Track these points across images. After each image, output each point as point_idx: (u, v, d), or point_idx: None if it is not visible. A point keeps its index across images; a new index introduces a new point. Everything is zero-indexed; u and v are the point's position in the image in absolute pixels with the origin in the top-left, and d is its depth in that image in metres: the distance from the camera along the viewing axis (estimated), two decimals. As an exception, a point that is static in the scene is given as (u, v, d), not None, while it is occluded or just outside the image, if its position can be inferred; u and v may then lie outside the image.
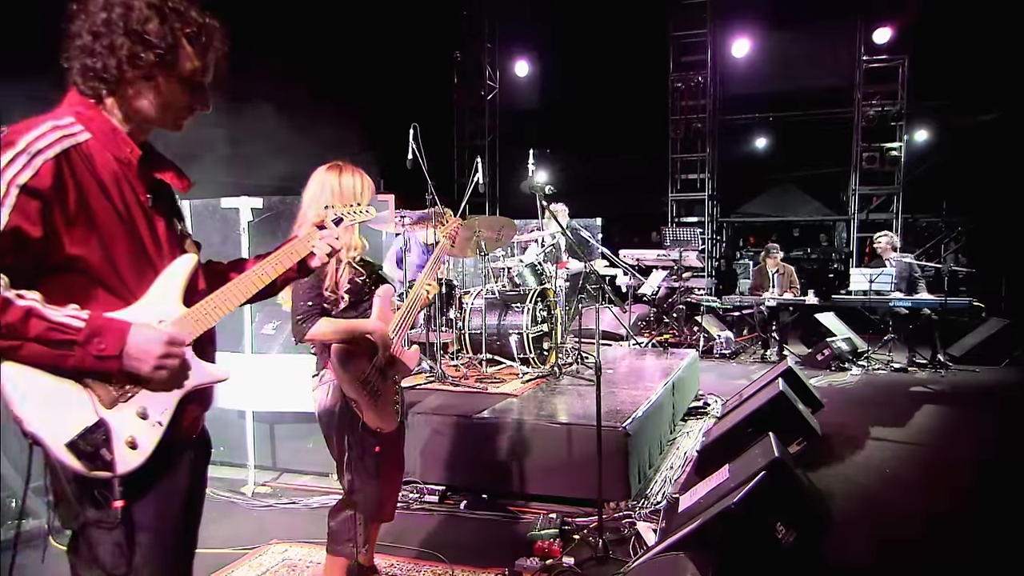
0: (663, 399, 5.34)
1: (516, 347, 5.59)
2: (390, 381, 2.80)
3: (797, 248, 14.65)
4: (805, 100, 13.89)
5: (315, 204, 2.60)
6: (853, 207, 13.29)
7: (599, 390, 3.65)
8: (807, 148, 14.09)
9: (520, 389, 5.24)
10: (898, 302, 8.63)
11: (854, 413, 6.62)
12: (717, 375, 8.48)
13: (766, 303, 9.10)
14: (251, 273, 1.83)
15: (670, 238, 9.90)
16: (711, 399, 6.90)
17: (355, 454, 2.69)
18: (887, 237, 9.17)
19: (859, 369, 8.52)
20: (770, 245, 9.61)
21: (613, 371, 6.14)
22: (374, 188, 2.81)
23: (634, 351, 7.69)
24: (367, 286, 2.81)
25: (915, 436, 5.98)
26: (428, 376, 5.43)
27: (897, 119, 12.95)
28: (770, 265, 9.49)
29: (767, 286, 9.43)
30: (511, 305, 5.70)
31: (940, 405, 7.06)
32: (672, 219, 14.45)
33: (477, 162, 6.86)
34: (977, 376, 8.33)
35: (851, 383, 7.98)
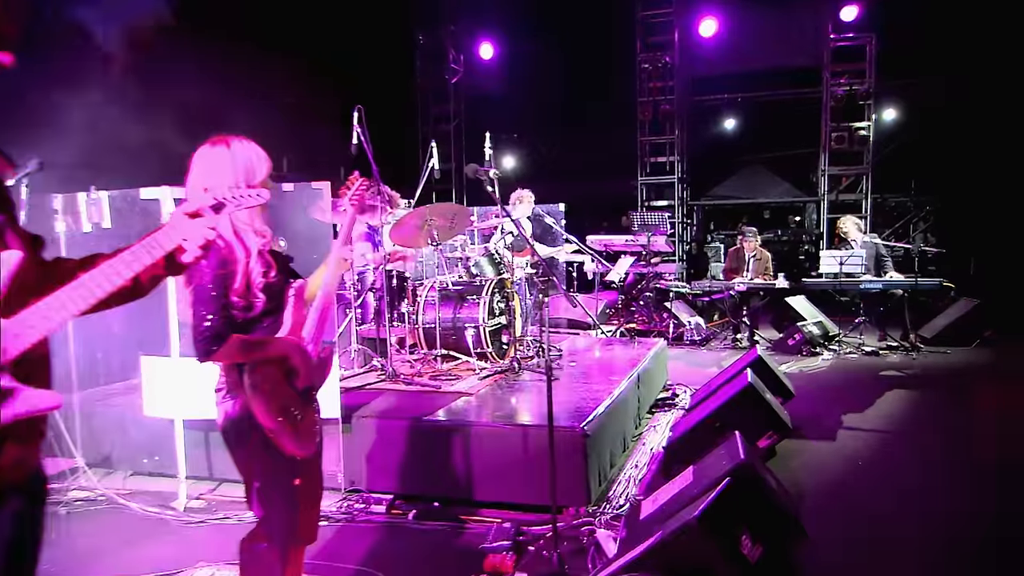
0: (627, 394, 5.07)
1: (472, 342, 5.27)
2: (311, 400, 2.46)
3: (768, 230, 14.44)
4: (774, 80, 13.66)
5: (197, 187, 2.21)
6: (823, 188, 13.11)
7: (550, 393, 3.35)
8: (776, 129, 13.88)
9: (476, 386, 4.93)
10: (868, 284, 8.44)
11: (825, 401, 6.40)
12: (687, 363, 8.24)
13: (736, 288, 8.86)
14: (97, 273, 1.50)
15: (638, 223, 9.62)
16: (680, 389, 6.65)
17: (268, 483, 2.35)
18: (851, 220, 8.97)
19: (830, 353, 8.32)
20: (747, 228, 9.37)
21: (576, 364, 5.85)
22: (270, 164, 2.45)
23: (600, 341, 7.41)
24: (280, 283, 2.44)
25: (887, 424, 5.76)
26: (379, 375, 5.11)
27: (865, 98, 12.76)
28: (747, 249, 9.24)
29: (742, 270, 9.20)
30: (466, 297, 5.38)
31: (912, 390, 6.87)
32: (641, 203, 14.18)
33: (432, 147, 6.51)
34: (948, 358, 8.17)
35: (822, 368, 7.78)
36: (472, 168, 3.81)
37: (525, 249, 8.16)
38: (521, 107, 14.39)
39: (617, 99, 14.01)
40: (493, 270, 5.85)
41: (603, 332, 7.94)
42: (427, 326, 5.34)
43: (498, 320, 5.51)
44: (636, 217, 9.67)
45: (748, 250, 9.19)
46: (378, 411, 4.36)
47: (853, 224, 8.90)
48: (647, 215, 9.62)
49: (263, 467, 2.33)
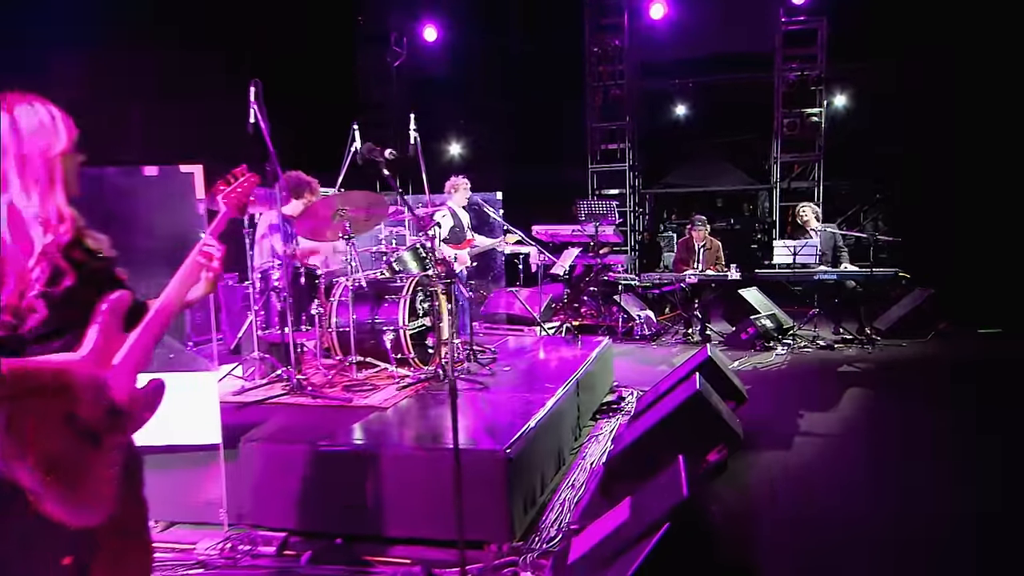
0: (565, 403, 4.53)
1: (391, 346, 4.67)
2: (106, 446, 1.83)
3: (721, 219, 14.07)
4: (725, 65, 13.27)
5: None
6: (775, 175, 12.75)
7: (455, 416, 2.78)
8: (729, 115, 13.48)
9: (395, 398, 4.34)
10: (823, 275, 8.04)
11: (780, 402, 5.96)
12: (636, 360, 7.76)
13: (687, 280, 8.39)
14: None
15: (585, 212, 9.09)
16: (626, 392, 6.14)
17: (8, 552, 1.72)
18: (809, 208, 8.57)
19: (784, 348, 7.91)
20: (696, 217, 8.87)
21: (510, 369, 5.28)
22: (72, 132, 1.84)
23: (542, 340, 6.86)
24: (80, 293, 1.82)
25: (844, 426, 5.33)
26: (285, 386, 4.48)
27: (817, 84, 12.42)
28: (696, 239, 8.76)
29: (692, 261, 8.73)
30: (384, 297, 4.77)
31: (868, 388, 6.48)
32: (593, 191, 13.69)
33: (354, 129, 5.87)
34: (904, 352, 7.82)
35: (777, 364, 7.35)
36: (367, 147, 3.24)
37: (464, 241, 7.60)
38: (467, 92, 13.78)
39: (566, 84, 13.45)
40: (417, 266, 5.24)
41: (545, 330, 7.39)
42: (341, 330, 4.72)
43: (421, 322, 4.92)
44: (583, 206, 9.14)
45: (698, 240, 8.73)
46: (271, 433, 3.74)
47: (811, 212, 8.49)
48: (594, 204, 9.10)
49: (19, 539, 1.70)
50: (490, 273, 8.51)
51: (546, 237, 9.58)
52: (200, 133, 7.60)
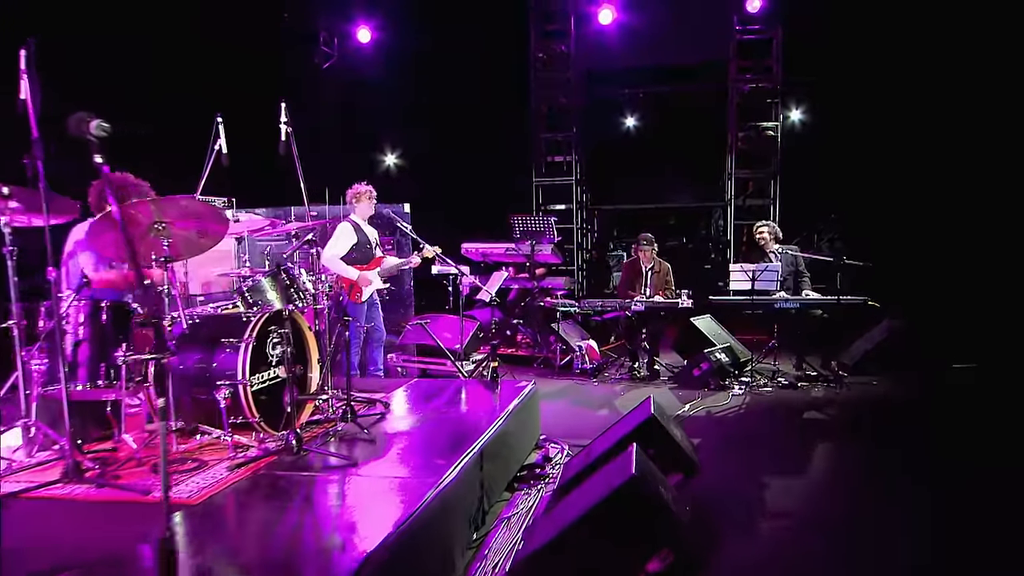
0: (461, 484, 3.31)
1: (227, 408, 3.41)
2: None
3: (673, 237, 13.07)
4: (677, 75, 12.31)
5: None
6: (729, 192, 11.79)
7: None
8: (681, 128, 12.46)
9: (218, 484, 3.08)
10: (784, 303, 6.99)
11: (737, 463, 4.83)
12: (572, 401, 6.58)
13: (633, 307, 7.26)
14: None
15: (519, 229, 7.93)
16: (555, 450, 4.94)
17: None
18: (768, 227, 7.52)
19: (742, 387, 6.81)
20: (642, 236, 7.71)
21: (395, 432, 4.04)
22: None
23: (452, 385, 5.58)
24: None
25: (816, 501, 4.22)
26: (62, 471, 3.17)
27: (772, 96, 11.52)
28: (643, 260, 7.63)
29: (639, 285, 7.60)
30: (220, 340, 3.51)
31: (841, 442, 5.40)
32: (538, 206, 12.58)
33: (217, 123, 4.62)
34: (875, 391, 6.79)
35: (734, 407, 6.24)
36: (75, 119, 2.00)
37: (372, 260, 6.38)
38: (404, 97, 12.54)
39: (510, 91, 12.33)
40: (278, 296, 3.98)
41: (462, 371, 6.17)
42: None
43: (273, 372, 3.66)
44: (517, 222, 7.97)
45: (645, 262, 7.62)
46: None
47: (770, 232, 7.45)
48: (531, 220, 7.93)
49: None
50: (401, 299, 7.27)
51: (476, 256, 8.40)
52: None
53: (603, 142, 12.84)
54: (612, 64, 12.21)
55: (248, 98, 10.48)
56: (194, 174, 4.81)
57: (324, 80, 12.61)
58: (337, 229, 6.36)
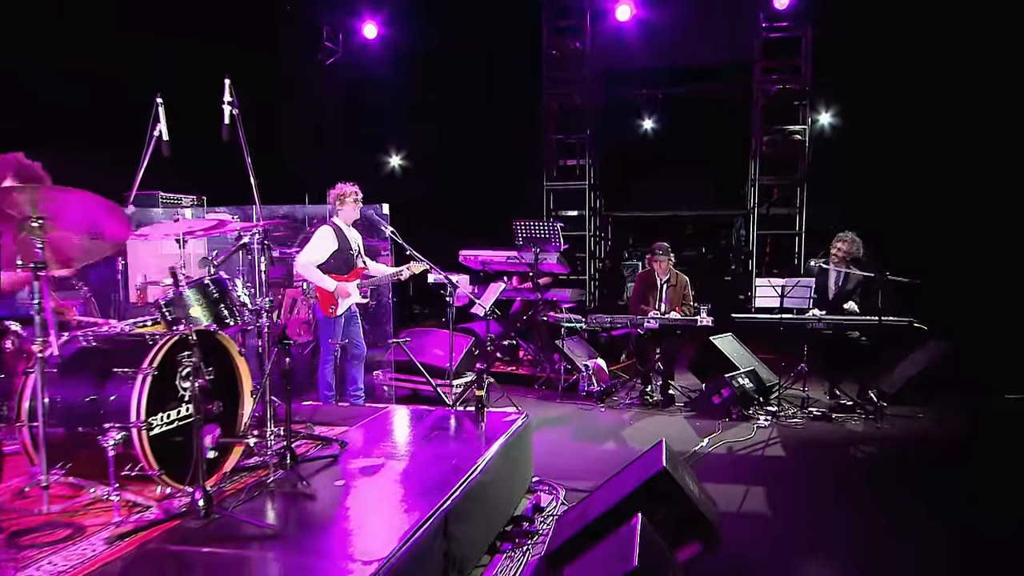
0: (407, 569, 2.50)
1: (115, 456, 2.63)
2: None
3: (691, 247, 12.21)
4: (699, 76, 11.46)
5: None
6: (753, 200, 10.92)
7: None
8: (702, 131, 11.59)
9: (83, 567, 2.29)
10: (819, 323, 6.12)
11: (765, 525, 3.98)
12: (575, 431, 5.76)
13: (645, 325, 6.43)
14: None
15: (522, 235, 7.14)
16: (547, 498, 4.13)
17: None
18: (847, 243, 6.48)
19: (768, 417, 5.96)
20: (658, 245, 6.84)
21: (343, 484, 3.21)
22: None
23: (430, 417, 4.72)
24: None
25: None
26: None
27: (800, 98, 10.66)
28: (658, 272, 6.78)
29: (653, 300, 6.76)
30: (113, 370, 2.73)
31: (886, 493, 4.54)
32: (549, 212, 11.79)
33: (157, 104, 3.86)
34: (922, 426, 5.92)
35: (759, 443, 5.39)
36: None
37: (353, 269, 5.62)
38: (410, 96, 11.82)
39: (521, 91, 11.55)
40: (206, 312, 3.20)
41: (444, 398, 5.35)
42: (34, 425, 2.66)
43: (179, 412, 2.88)
44: (520, 229, 7.17)
45: (660, 274, 6.78)
46: None
47: (849, 249, 6.44)
48: (535, 226, 7.13)
49: None
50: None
51: (475, 264, 7.61)
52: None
53: (618, 145, 12.02)
54: (629, 63, 11.38)
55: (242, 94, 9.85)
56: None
57: (327, 77, 11.90)
58: (315, 233, 5.61)
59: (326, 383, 5.66)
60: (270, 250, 3.75)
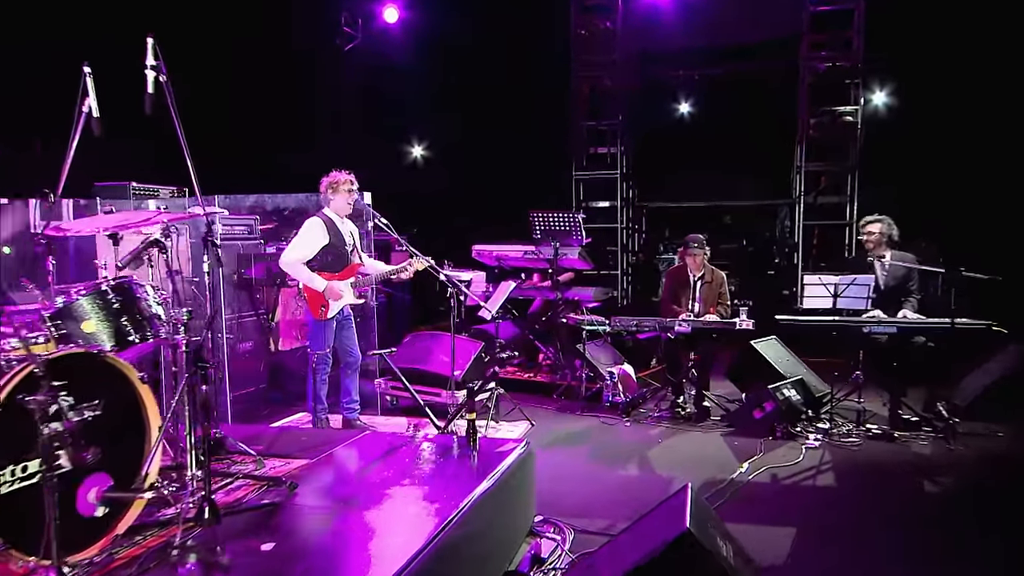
0: None
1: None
2: None
3: (730, 240, 11.28)
4: (740, 53, 10.51)
5: None
6: (799, 187, 9.97)
7: None
8: (743, 114, 10.65)
9: None
10: (879, 327, 5.25)
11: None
12: (592, 451, 4.99)
13: (676, 328, 5.63)
14: None
15: (540, 228, 6.39)
16: (548, 547, 3.39)
17: None
18: (881, 224, 5.60)
19: (818, 436, 5.12)
20: (691, 237, 6.00)
21: (274, 547, 2.52)
22: None
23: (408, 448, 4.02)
24: None
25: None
26: None
27: (852, 75, 9.66)
28: (691, 267, 5.97)
29: (686, 299, 5.96)
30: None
31: (968, 526, 3.70)
32: (578, 203, 11.03)
33: (85, 75, 3.22)
34: (1002, 445, 5.02)
35: (807, 469, 4.57)
36: None
37: (347, 267, 4.97)
38: (432, 81, 11.15)
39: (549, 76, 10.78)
40: (104, 327, 2.53)
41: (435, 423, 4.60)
42: None
43: (28, 469, 2.20)
44: (537, 220, 6.43)
45: (693, 269, 5.96)
46: None
47: (883, 232, 5.53)
48: (554, 217, 6.38)
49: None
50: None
51: (490, 260, 6.90)
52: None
53: (653, 131, 11.15)
54: (663, 43, 10.51)
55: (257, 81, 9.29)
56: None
57: (346, 64, 11.28)
58: (303, 226, 4.96)
59: (315, 395, 5.02)
60: (215, 246, 3.09)
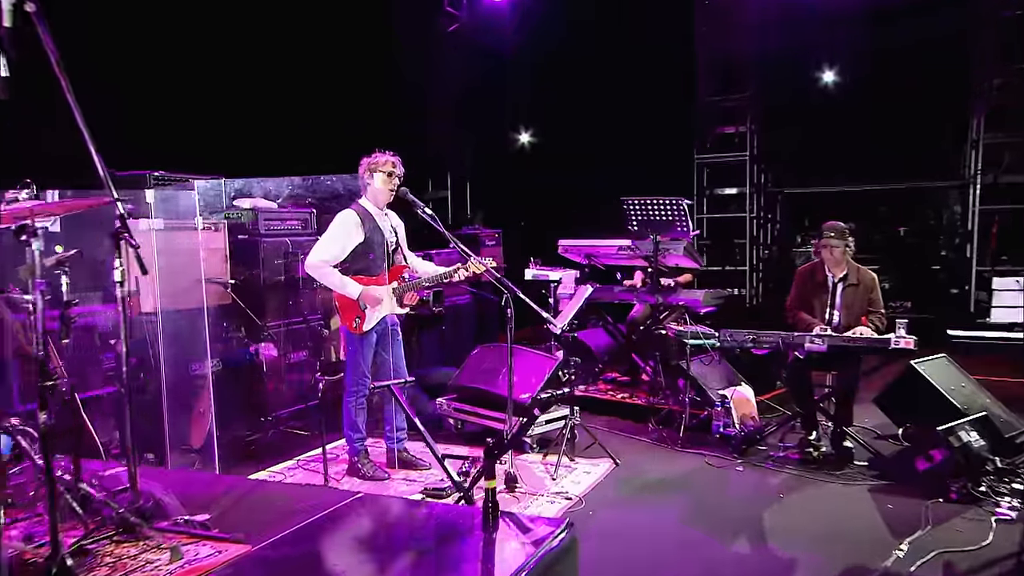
0: None
1: None
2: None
3: (882, 230, 9.46)
4: (897, 8, 8.70)
5: None
6: (973, 165, 8.07)
7: None
8: (901, 80, 8.81)
9: None
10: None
11: None
12: (687, 508, 3.76)
13: (808, 345, 4.26)
14: None
15: (637, 218, 5.19)
16: None
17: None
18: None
19: (1015, 504, 3.62)
20: (829, 226, 4.56)
21: None
22: None
23: (400, 525, 2.91)
24: None
25: None
26: None
27: (1045, 24, 7.66)
28: (830, 263, 4.57)
29: (820, 307, 4.57)
30: None
31: None
32: (701, 189, 9.68)
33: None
34: None
35: (1003, 560, 3.13)
36: None
37: (389, 268, 4.08)
38: (542, 63, 10.16)
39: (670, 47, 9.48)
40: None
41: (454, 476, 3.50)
42: None
43: None
44: (633, 208, 5.22)
45: (832, 267, 4.55)
46: None
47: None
48: (654, 206, 5.15)
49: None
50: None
51: (578, 257, 5.78)
52: None
53: (789, 105, 9.51)
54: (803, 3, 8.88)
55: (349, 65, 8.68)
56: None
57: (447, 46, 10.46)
58: (334, 220, 4.10)
59: (351, 421, 4.15)
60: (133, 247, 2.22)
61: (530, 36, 10.08)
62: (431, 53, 10.37)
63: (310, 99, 7.53)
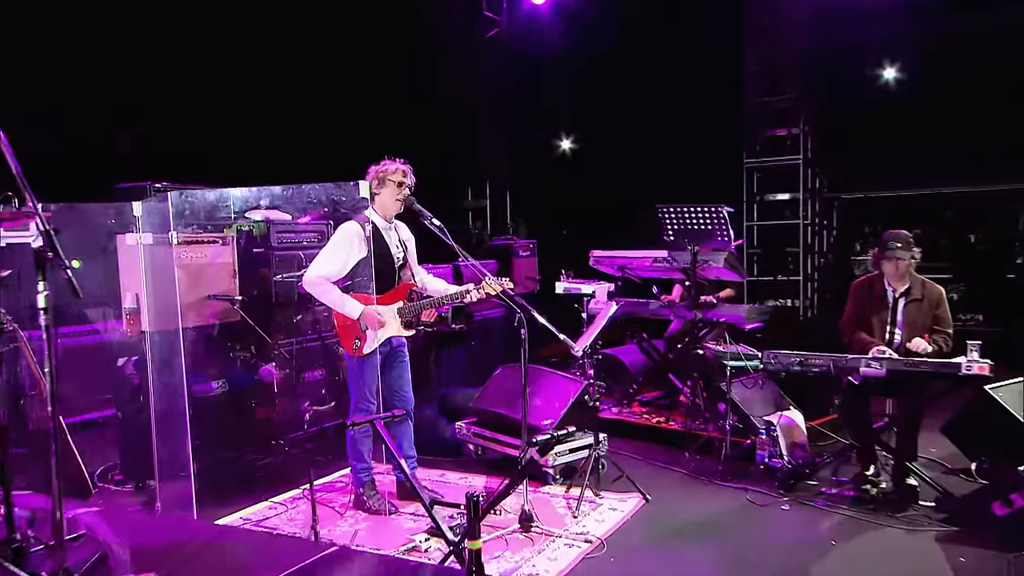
0: None
1: None
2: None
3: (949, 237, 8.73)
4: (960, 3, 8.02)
5: None
6: (1052, 165, 7.34)
7: None
8: (967, 77, 8.10)
9: None
10: None
11: None
12: (723, 559, 3.30)
13: (865, 369, 3.75)
14: None
15: (674, 226, 4.75)
16: None
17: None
18: None
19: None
20: (890, 234, 4.04)
21: None
22: None
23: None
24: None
25: None
26: None
27: None
28: (891, 276, 4.05)
29: (879, 325, 4.05)
30: None
31: None
32: (751, 195, 9.13)
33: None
34: None
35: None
36: None
37: (395, 287, 3.76)
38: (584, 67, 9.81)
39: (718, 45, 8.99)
40: None
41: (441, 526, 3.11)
42: None
43: None
44: (668, 217, 4.79)
45: (893, 280, 4.03)
46: None
47: None
48: (691, 215, 4.70)
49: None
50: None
51: (610, 268, 5.36)
52: None
53: (846, 105, 8.88)
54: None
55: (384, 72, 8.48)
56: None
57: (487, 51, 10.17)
58: (335, 234, 3.80)
59: (356, 451, 3.83)
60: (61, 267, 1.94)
61: (575, 40, 9.71)
62: (469, 59, 10.11)
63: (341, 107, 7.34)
